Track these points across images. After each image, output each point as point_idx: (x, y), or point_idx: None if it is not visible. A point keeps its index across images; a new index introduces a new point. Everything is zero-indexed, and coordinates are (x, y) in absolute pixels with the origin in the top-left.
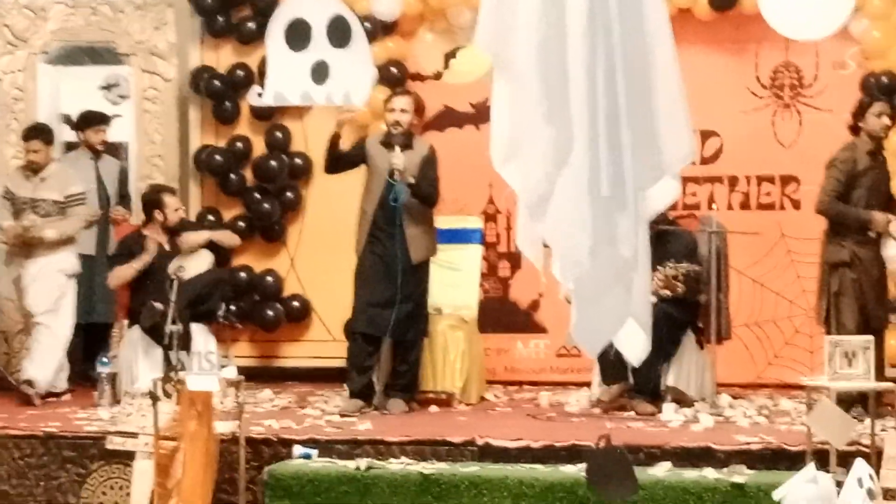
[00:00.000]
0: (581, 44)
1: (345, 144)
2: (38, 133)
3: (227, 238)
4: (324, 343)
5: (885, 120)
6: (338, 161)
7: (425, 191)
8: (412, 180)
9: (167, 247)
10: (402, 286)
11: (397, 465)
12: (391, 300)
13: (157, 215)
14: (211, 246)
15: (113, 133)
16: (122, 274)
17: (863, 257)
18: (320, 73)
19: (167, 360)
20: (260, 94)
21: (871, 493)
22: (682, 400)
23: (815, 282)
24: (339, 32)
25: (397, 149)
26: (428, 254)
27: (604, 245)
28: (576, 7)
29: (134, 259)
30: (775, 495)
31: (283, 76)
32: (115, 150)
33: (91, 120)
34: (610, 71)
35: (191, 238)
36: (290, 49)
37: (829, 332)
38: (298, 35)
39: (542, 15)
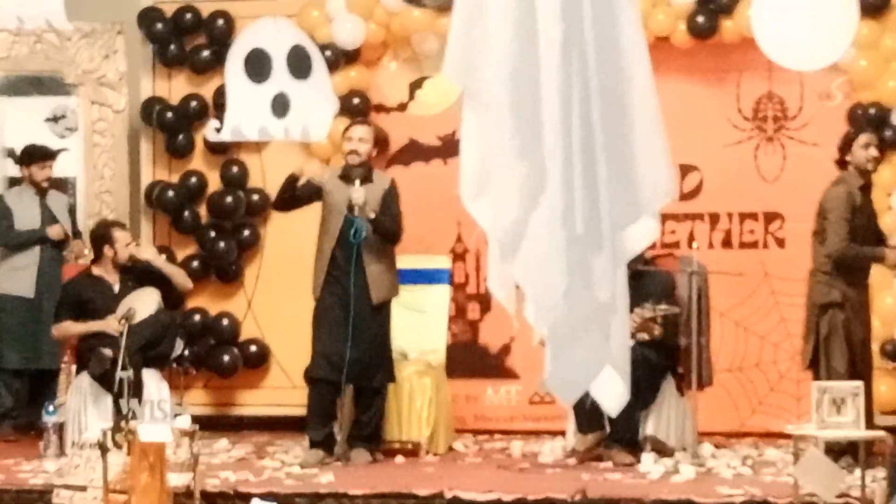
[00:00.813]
0: (555, 74)
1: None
2: None
3: (180, 277)
4: (283, 390)
5: (873, 151)
6: (292, 200)
7: (387, 227)
8: (373, 215)
9: (117, 287)
10: (364, 329)
11: None
12: (352, 344)
13: (107, 251)
14: (162, 286)
15: (60, 168)
16: (68, 330)
17: (852, 298)
18: (280, 105)
19: (117, 408)
20: (218, 129)
21: None
22: (662, 450)
23: (801, 324)
24: (298, 63)
25: (357, 182)
26: (390, 294)
27: (579, 287)
28: (549, 35)
29: (82, 307)
30: None
31: (243, 109)
32: (62, 185)
33: (35, 155)
34: (585, 102)
35: (148, 252)
36: (250, 81)
37: (816, 377)
38: (258, 66)
39: (513, 43)
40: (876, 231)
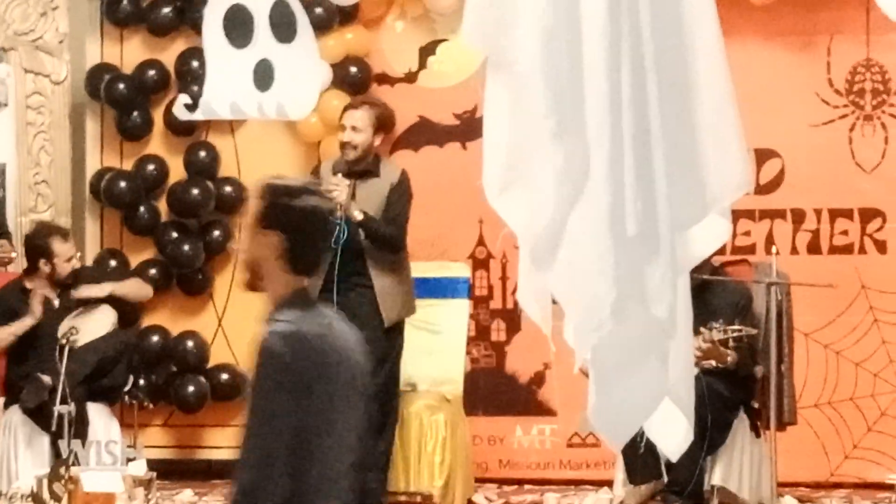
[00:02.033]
0: (601, 36)
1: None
2: None
3: (135, 290)
4: None
5: None
6: None
7: (382, 231)
8: (360, 217)
9: (56, 303)
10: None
11: None
12: None
13: (44, 266)
14: (113, 300)
15: None
16: None
17: None
18: (263, 75)
19: (56, 450)
20: (189, 106)
21: None
22: None
23: None
24: (282, 23)
25: (339, 174)
26: (403, 313)
27: (631, 302)
28: None
29: (15, 320)
30: None
31: (224, 81)
32: None
33: None
34: (639, 72)
35: (88, 291)
36: (230, 45)
37: None
38: (239, 27)
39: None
40: None
